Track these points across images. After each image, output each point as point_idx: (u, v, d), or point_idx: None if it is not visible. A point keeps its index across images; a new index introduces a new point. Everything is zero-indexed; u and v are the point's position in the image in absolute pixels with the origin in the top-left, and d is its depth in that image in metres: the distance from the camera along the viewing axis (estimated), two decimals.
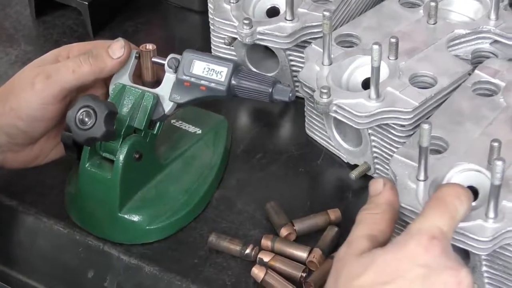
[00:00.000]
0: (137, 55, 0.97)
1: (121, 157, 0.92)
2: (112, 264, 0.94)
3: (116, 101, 0.94)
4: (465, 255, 0.86)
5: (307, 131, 1.08)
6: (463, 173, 0.87)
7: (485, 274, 0.86)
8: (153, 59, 0.96)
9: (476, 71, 0.99)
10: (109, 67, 0.94)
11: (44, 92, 0.92)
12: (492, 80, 0.97)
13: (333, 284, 0.75)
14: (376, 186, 0.82)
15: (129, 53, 0.95)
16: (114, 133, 0.91)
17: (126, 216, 0.95)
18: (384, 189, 0.81)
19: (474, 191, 0.87)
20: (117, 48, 0.94)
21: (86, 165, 0.94)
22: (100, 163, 0.94)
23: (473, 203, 0.86)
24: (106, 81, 0.97)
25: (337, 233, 0.94)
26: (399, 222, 0.88)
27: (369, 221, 0.79)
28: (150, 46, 0.97)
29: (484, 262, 0.85)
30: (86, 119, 0.89)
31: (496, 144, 0.85)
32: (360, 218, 0.80)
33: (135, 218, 0.95)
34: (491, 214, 0.82)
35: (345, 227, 0.94)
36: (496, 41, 1.06)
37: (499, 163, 0.78)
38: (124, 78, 0.96)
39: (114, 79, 0.96)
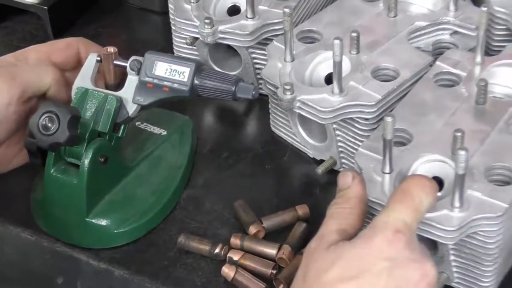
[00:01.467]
0: (99, 58, 0.96)
1: (86, 162, 0.92)
2: (81, 270, 0.94)
3: (79, 105, 0.94)
4: (433, 245, 0.86)
5: (272, 128, 1.08)
6: (428, 164, 0.88)
7: (453, 263, 0.87)
8: (114, 62, 0.96)
9: (437, 62, 0.99)
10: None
11: (8, 93, 0.92)
12: (453, 70, 0.98)
13: (301, 278, 0.76)
14: (345, 179, 0.82)
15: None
16: (78, 138, 0.91)
17: (93, 220, 0.94)
18: (353, 183, 0.82)
19: (439, 182, 0.87)
20: None
21: (51, 171, 0.93)
22: (65, 168, 0.94)
23: (439, 194, 0.86)
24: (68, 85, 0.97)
25: (305, 229, 0.94)
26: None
27: (340, 215, 0.80)
28: (111, 49, 0.96)
29: (451, 252, 0.86)
30: (49, 125, 0.89)
31: (459, 134, 0.85)
32: (330, 212, 0.81)
33: (103, 222, 0.94)
34: (457, 203, 0.82)
35: (313, 222, 0.95)
36: (456, 32, 1.06)
37: (462, 152, 0.79)
38: (87, 82, 0.95)
39: (76, 83, 0.96)
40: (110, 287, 0.93)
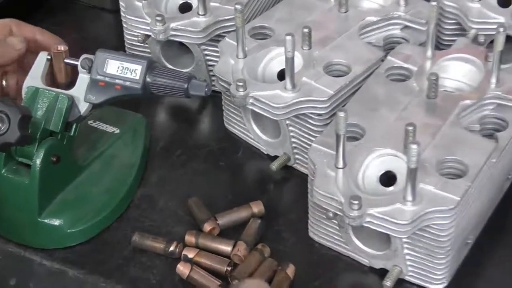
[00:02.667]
0: (49, 57, 0.95)
1: (38, 161, 0.91)
2: (34, 270, 0.93)
3: (30, 104, 0.93)
4: (387, 239, 0.87)
5: (226, 125, 1.08)
6: (380, 158, 0.89)
7: (407, 257, 0.87)
8: (65, 60, 0.95)
9: (389, 57, 1.00)
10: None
11: None
12: (405, 65, 0.99)
13: None
14: None
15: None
16: (29, 137, 0.90)
17: (46, 220, 0.93)
18: None
19: (392, 176, 0.88)
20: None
21: (2, 171, 0.92)
22: (17, 168, 0.93)
23: (391, 188, 0.87)
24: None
25: (260, 225, 0.94)
26: (319, 210, 0.89)
27: None
28: (62, 48, 0.96)
29: (405, 245, 0.86)
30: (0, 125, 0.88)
31: (411, 128, 0.86)
32: None
33: (56, 222, 0.93)
34: (409, 197, 0.83)
35: (268, 218, 0.95)
36: (406, 27, 1.07)
37: (414, 146, 0.80)
38: (37, 81, 0.94)
39: (26, 83, 0.95)
40: (64, 287, 0.92)
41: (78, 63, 0.94)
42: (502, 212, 0.96)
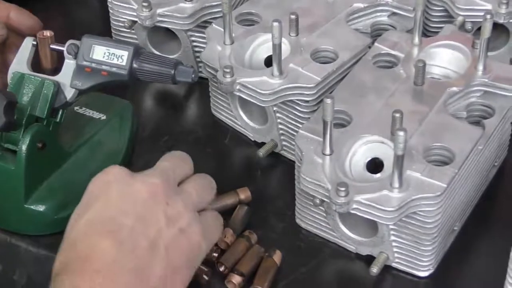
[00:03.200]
0: (35, 42, 0.95)
1: (24, 147, 0.90)
2: (20, 257, 0.93)
3: (15, 90, 0.92)
4: (373, 225, 0.87)
5: (213, 112, 1.08)
6: (367, 145, 0.89)
7: (393, 244, 0.87)
8: (51, 46, 0.95)
9: (376, 44, 1.00)
10: None
11: None
12: (392, 52, 0.99)
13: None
14: None
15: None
16: (15, 123, 0.89)
17: (32, 207, 0.93)
18: None
19: (379, 163, 0.88)
20: None
21: None
22: (2, 154, 0.92)
23: (378, 175, 0.87)
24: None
25: (247, 212, 0.94)
26: (306, 196, 0.89)
27: None
28: (47, 33, 0.95)
29: (391, 232, 0.86)
30: None
31: (398, 115, 0.86)
32: None
33: (42, 208, 0.93)
34: (396, 184, 0.83)
35: (255, 205, 0.95)
36: (394, 13, 1.07)
37: (401, 133, 0.80)
38: (23, 67, 0.94)
39: (12, 68, 0.94)
40: (50, 273, 0.92)
41: (64, 48, 0.93)
42: (488, 199, 0.96)
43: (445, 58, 0.99)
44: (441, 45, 0.99)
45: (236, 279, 0.87)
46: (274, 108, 0.98)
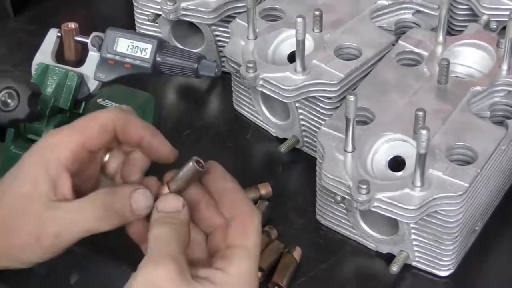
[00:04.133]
0: (59, 34, 0.95)
1: None
2: None
3: (40, 81, 0.93)
4: (394, 224, 0.87)
5: (235, 106, 1.08)
6: (390, 143, 0.88)
7: (414, 242, 0.87)
8: (75, 38, 0.95)
9: (400, 42, 0.99)
10: (127, 222, 0.74)
11: (50, 249, 0.75)
12: (416, 50, 0.98)
13: None
14: (176, 204, 0.72)
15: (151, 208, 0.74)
16: (38, 114, 0.90)
17: None
18: (184, 210, 0.72)
19: (401, 161, 0.88)
20: (142, 206, 0.73)
21: (11, 147, 0.92)
22: (25, 144, 0.92)
23: (400, 173, 0.87)
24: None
25: (267, 207, 0.94)
26: (327, 193, 0.89)
27: (180, 238, 0.70)
28: (72, 25, 0.95)
29: (412, 231, 0.86)
30: (9, 101, 0.88)
31: (421, 113, 0.86)
32: (166, 231, 0.70)
33: None
34: (418, 182, 0.83)
35: (275, 201, 0.95)
36: (418, 11, 1.07)
37: (424, 132, 0.79)
38: (47, 58, 0.94)
39: (36, 59, 0.94)
40: (70, 265, 0.92)
41: (88, 41, 0.93)
42: (510, 199, 0.95)
43: (469, 57, 0.98)
44: (466, 44, 0.98)
45: None
46: (297, 104, 0.98)
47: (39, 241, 0.75)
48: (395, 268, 0.87)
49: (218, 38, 1.09)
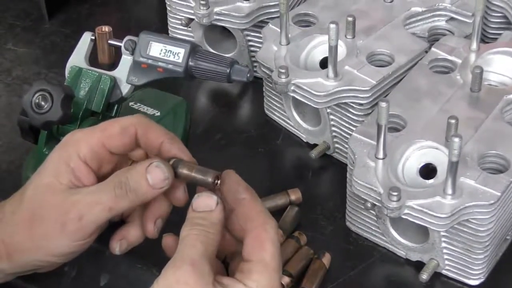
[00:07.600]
0: (93, 37, 0.96)
1: None
2: None
3: (73, 84, 0.93)
4: (424, 232, 0.86)
5: (266, 111, 1.08)
6: (421, 150, 0.88)
7: (444, 251, 0.87)
8: (109, 41, 0.96)
9: (433, 49, 0.99)
10: (149, 198, 0.77)
11: (76, 234, 0.78)
12: (449, 57, 0.98)
13: None
14: (208, 202, 0.74)
15: (172, 180, 0.77)
16: (71, 117, 0.90)
17: None
18: (217, 208, 0.73)
19: (432, 168, 0.88)
20: (159, 179, 0.76)
21: (44, 149, 0.93)
22: None
23: (431, 180, 0.86)
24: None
25: (297, 213, 0.94)
26: (357, 200, 0.89)
27: (208, 240, 0.72)
28: (106, 28, 0.96)
29: (443, 239, 0.86)
30: (43, 103, 0.88)
31: (453, 121, 0.85)
32: (193, 234, 0.72)
33: None
34: (449, 190, 0.82)
35: (305, 206, 0.95)
36: (452, 18, 1.06)
37: (456, 139, 0.79)
38: (80, 61, 0.95)
39: (70, 62, 0.95)
40: (99, 266, 0.93)
41: (122, 44, 0.94)
42: None
43: (502, 65, 0.98)
44: (499, 52, 0.98)
45: (285, 279, 0.87)
46: (328, 110, 0.97)
47: (64, 228, 0.77)
48: (424, 276, 0.87)
49: (251, 43, 1.09)
